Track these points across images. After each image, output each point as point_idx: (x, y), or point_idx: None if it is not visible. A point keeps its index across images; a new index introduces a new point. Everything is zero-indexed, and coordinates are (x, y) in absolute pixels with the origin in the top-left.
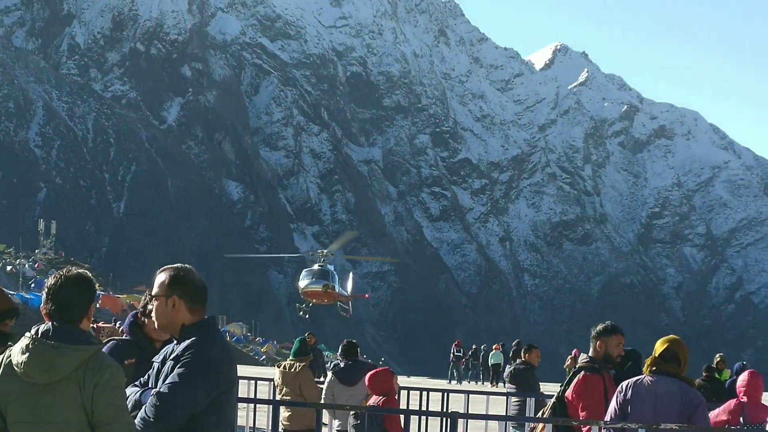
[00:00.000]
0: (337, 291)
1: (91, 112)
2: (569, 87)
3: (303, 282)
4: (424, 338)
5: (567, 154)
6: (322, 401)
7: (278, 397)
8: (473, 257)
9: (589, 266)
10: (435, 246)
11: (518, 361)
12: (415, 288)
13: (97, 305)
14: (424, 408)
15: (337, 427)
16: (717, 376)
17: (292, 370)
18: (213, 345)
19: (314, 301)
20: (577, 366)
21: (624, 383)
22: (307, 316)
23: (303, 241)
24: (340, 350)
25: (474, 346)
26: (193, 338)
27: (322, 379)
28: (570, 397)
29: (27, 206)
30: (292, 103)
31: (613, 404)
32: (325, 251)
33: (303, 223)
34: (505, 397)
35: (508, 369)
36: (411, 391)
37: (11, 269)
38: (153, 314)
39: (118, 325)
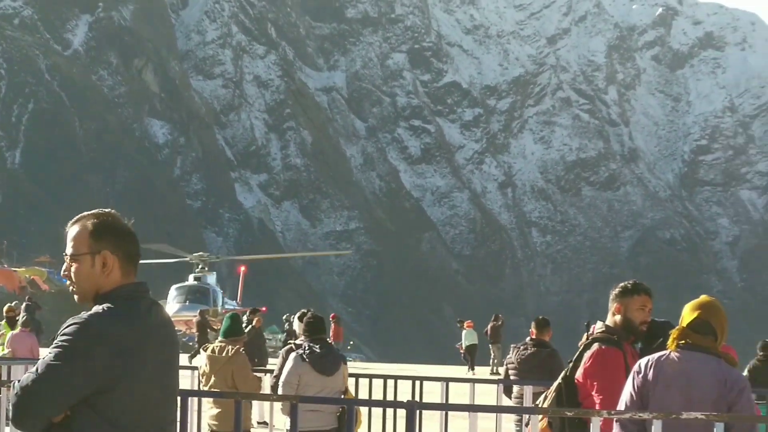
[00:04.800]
0: (222, 314)
1: None
2: None
3: (172, 306)
4: (403, 315)
5: (585, 72)
6: (280, 392)
7: (204, 389)
8: (465, 209)
9: (617, 217)
10: (416, 195)
11: (529, 340)
12: (392, 250)
13: None
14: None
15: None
16: None
17: (223, 354)
18: (98, 325)
19: (190, 331)
20: (589, 338)
21: (642, 361)
22: None
23: (248, 194)
24: (303, 326)
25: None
26: (83, 313)
27: (265, 366)
28: (581, 378)
29: None
30: (230, 17)
31: (628, 388)
32: (206, 255)
33: (247, 170)
34: (495, 387)
35: (519, 351)
36: (373, 380)
37: None
38: (70, 282)
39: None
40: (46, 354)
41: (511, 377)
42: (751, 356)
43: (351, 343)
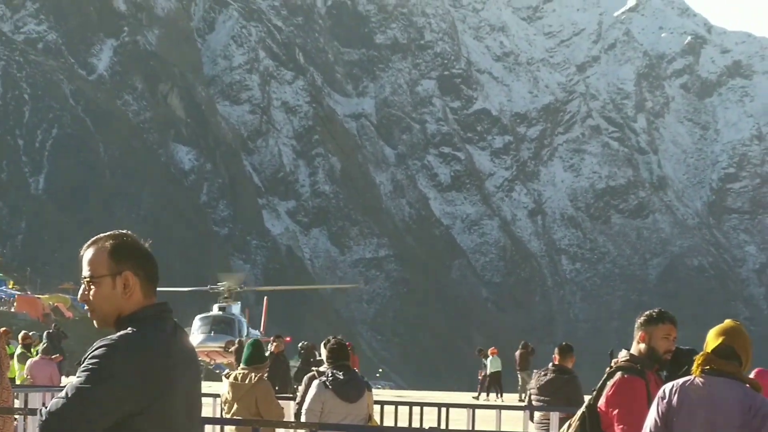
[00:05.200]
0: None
1: None
2: (615, 14)
3: (196, 337)
4: (433, 342)
5: (614, 100)
6: (303, 419)
7: (227, 417)
8: (495, 236)
9: (646, 245)
10: (446, 223)
11: (551, 366)
12: (421, 278)
13: (12, 307)
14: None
15: None
16: None
17: (246, 381)
18: (128, 347)
19: (215, 361)
20: (613, 366)
21: (667, 386)
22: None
23: (276, 221)
24: (326, 353)
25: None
26: (112, 336)
27: (287, 394)
28: (603, 407)
29: None
30: (257, 42)
31: (653, 413)
32: (229, 285)
33: (275, 197)
34: (522, 413)
35: (540, 377)
36: (399, 407)
37: None
38: (89, 306)
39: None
40: (74, 378)
41: (534, 402)
42: None
43: (380, 370)
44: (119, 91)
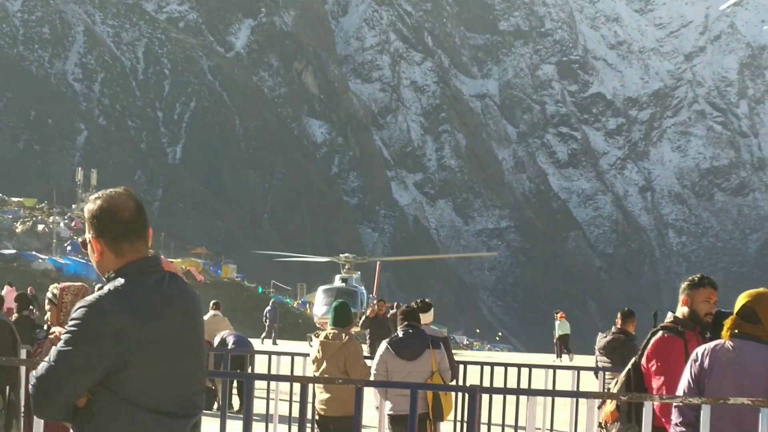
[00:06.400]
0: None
1: (142, 37)
2: (721, 8)
3: (319, 308)
4: (550, 308)
5: (718, 87)
6: (372, 378)
7: (315, 375)
8: (608, 211)
9: (746, 221)
10: (563, 197)
11: (614, 329)
12: (540, 248)
13: None
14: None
15: (389, 410)
16: None
17: (337, 341)
18: (103, 306)
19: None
20: (657, 326)
21: (699, 349)
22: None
23: (403, 192)
24: (399, 314)
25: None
26: (89, 297)
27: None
28: (645, 363)
29: (63, 152)
30: (388, 25)
31: (686, 376)
32: (351, 257)
33: (403, 170)
34: (593, 373)
35: (601, 338)
36: (485, 367)
37: (43, 228)
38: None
39: None
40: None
41: (598, 362)
42: None
43: (500, 334)
44: (255, 68)
